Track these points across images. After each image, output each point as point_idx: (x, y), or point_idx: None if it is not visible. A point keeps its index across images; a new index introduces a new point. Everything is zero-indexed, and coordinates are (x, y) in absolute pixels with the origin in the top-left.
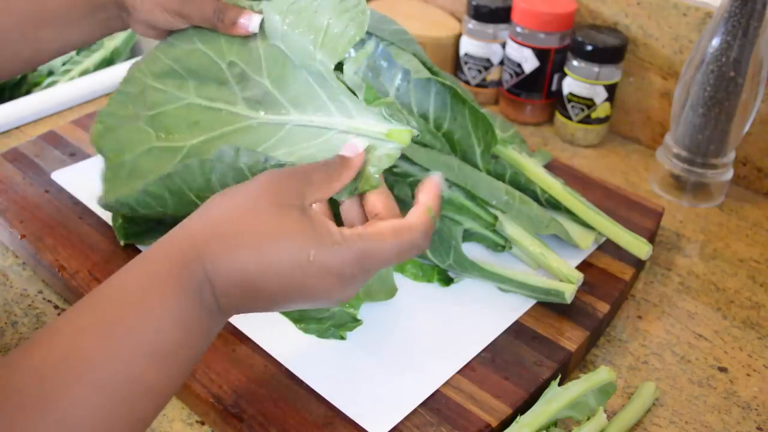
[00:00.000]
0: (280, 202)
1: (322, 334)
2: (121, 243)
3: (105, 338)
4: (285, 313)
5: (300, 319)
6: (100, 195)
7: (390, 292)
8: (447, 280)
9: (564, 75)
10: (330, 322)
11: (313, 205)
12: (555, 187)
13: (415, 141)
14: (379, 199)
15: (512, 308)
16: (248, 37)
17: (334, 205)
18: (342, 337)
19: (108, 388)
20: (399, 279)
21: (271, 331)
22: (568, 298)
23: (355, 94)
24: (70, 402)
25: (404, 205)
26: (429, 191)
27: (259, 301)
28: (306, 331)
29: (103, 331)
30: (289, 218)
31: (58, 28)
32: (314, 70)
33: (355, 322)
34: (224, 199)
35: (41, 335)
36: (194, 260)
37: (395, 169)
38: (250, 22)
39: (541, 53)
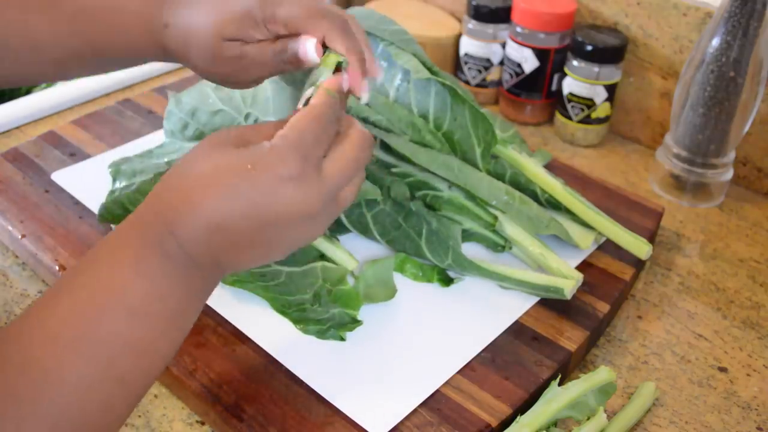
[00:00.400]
0: (217, 143)
1: (322, 335)
2: None
3: (79, 298)
4: (285, 314)
5: (300, 319)
6: (100, 209)
7: (390, 293)
8: (447, 281)
9: (564, 75)
10: (330, 323)
11: None
12: (555, 187)
13: (415, 141)
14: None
15: (512, 308)
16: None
17: None
18: (342, 338)
19: (85, 347)
20: (399, 279)
21: (271, 332)
22: (568, 294)
23: None
24: (53, 363)
25: (401, 207)
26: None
27: (235, 241)
28: (306, 331)
29: (78, 292)
30: (226, 150)
31: (111, 68)
32: None
33: (355, 323)
34: (175, 168)
35: (24, 312)
36: (155, 216)
37: (394, 169)
38: (306, 49)
39: (541, 53)
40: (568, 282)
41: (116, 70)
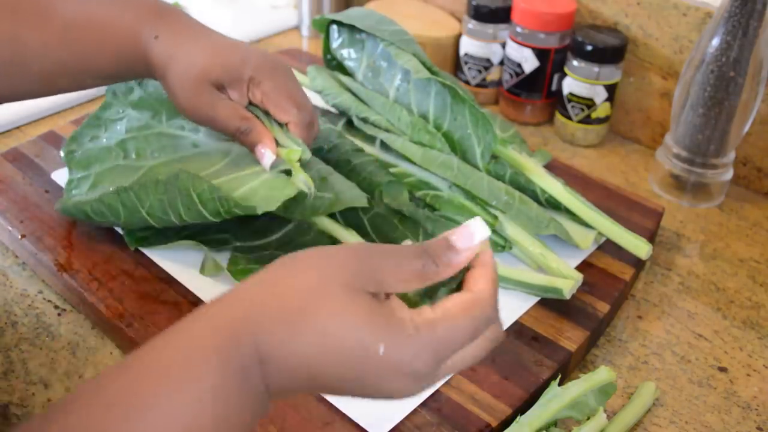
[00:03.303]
0: (353, 285)
1: None
2: (132, 248)
3: (134, 410)
4: None
5: None
6: (60, 199)
7: None
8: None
9: (564, 75)
10: None
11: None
12: (555, 187)
13: (415, 141)
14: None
15: (512, 308)
16: None
17: None
18: None
19: None
20: None
21: None
22: (567, 294)
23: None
24: None
25: (399, 212)
26: (485, 255)
27: (313, 387)
28: None
29: (133, 401)
30: (360, 304)
31: (98, 81)
32: None
33: None
34: (292, 271)
35: (64, 405)
36: (246, 335)
37: (392, 169)
38: (263, 157)
39: (541, 53)
40: (567, 282)
41: (99, 86)
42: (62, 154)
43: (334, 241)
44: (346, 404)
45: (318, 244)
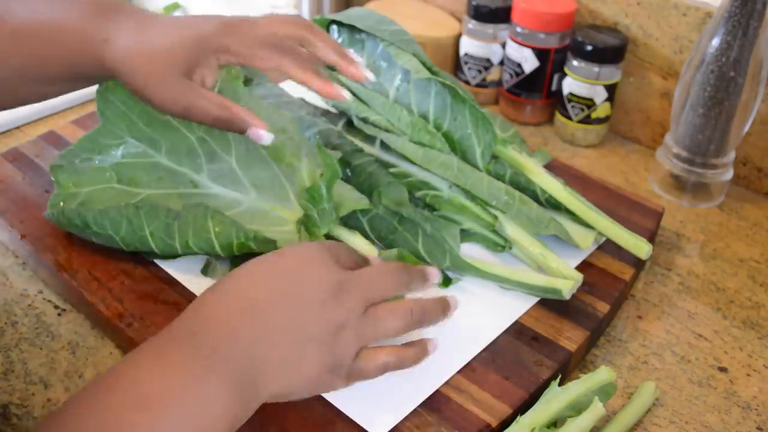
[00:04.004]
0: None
1: None
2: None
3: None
4: None
5: None
6: (49, 208)
7: None
8: (446, 281)
9: (564, 75)
10: None
11: None
12: (555, 187)
13: (415, 141)
14: None
15: (512, 308)
16: None
17: None
18: None
19: None
20: None
21: None
22: (566, 294)
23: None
24: None
25: (398, 214)
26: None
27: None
28: None
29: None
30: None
31: (58, 87)
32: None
33: None
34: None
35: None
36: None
37: (390, 170)
38: (260, 139)
39: (541, 53)
40: (566, 283)
41: (65, 92)
42: (50, 168)
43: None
44: (346, 404)
45: (336, 238)
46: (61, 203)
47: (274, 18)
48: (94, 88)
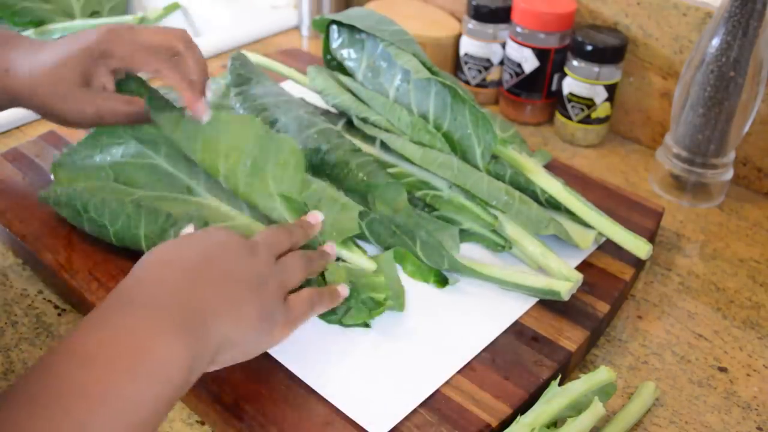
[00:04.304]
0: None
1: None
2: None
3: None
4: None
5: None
6: (45, 191)
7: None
8: (443, 281)
9: (564, 75)
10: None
11: None
12: (555, 187)
13: (415, 141)
14: None
15: (512, 308)
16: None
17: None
18: (367, 325)
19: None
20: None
21: None
22: (565, 296)
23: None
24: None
25: (398, 221)
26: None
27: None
28: (330, 321)
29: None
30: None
31: None
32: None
33: (381, 305)
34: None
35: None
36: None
37: (390, 170)
38: (200, 117)
39: (541, 53)
40: (565, 284)
41: None
42: (51, 167)
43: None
44: (346, 404)
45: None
46: (58, 189)
47: (157, 29)
48: None
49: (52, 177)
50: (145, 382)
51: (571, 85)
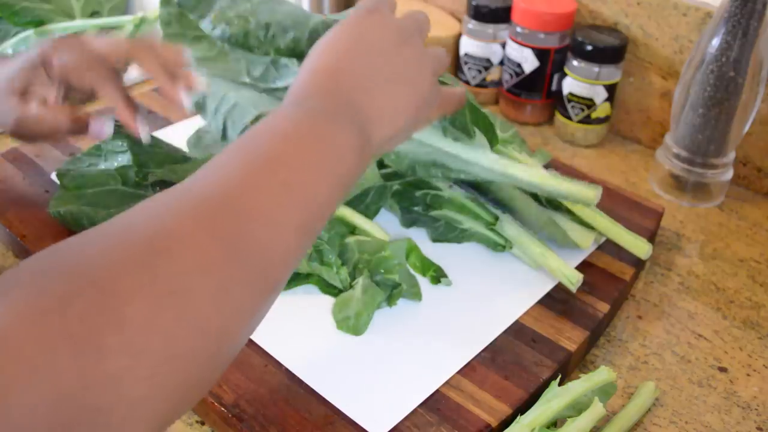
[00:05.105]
0: None
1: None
2: None
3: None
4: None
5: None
6: (53, 202)
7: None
8: (436, 279)
9: (564, 75)
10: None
11: None
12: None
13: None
14: None
15: (512, 308)
16: None
17: None
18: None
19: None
20: None
21: (271, 332)
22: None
23: None
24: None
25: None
26: None
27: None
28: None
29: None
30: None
31: None
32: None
33: (398, 287)
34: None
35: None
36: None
37: (391, 169)
38: (141, 131)
39: (541, 53)
40: (594, 193)
41: None
42: (57, 173)
43: (350, 227)
44: (346, 404)
45: (334, 230)
46: (65, 205)
47: (108, 39)
48: None
49: (53, 178)
50: (332, 161)
51: (571, 85)
